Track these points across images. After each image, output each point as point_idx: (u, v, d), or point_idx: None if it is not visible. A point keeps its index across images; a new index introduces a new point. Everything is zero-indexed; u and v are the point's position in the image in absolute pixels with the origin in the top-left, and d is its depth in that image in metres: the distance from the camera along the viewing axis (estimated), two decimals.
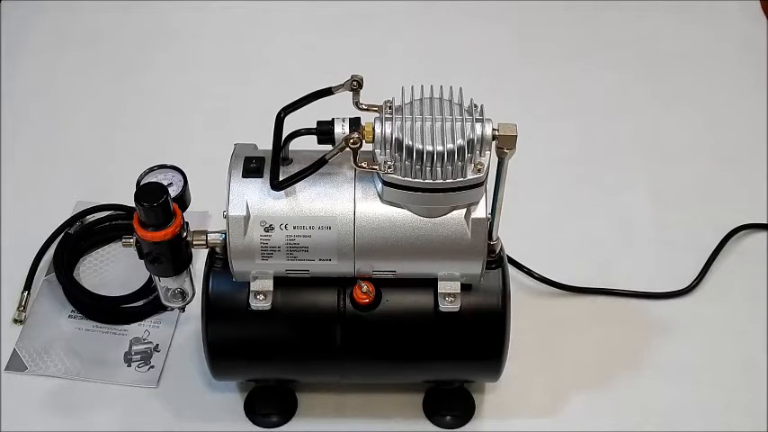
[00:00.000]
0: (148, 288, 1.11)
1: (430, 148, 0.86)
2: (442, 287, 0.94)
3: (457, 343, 0.97)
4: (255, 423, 1.04)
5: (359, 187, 0.90)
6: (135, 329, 1.11)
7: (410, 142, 0.87)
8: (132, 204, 0.89)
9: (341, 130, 0.88)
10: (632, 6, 1.46)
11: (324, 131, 0.89)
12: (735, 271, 1.18)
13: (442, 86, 0.90)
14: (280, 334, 0.96)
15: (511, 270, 1.02)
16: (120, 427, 1.05)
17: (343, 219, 0.90)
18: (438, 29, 1.44)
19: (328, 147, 0.89)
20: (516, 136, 0.88)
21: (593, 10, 1.46)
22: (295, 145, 0.91)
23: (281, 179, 0.89)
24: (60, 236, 1.16)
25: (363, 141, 0.87)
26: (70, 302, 1.12)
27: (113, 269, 1.16)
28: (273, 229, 0.90)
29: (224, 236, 0.92)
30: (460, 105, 0.89)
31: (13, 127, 1.30)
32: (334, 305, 0.95)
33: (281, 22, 1.46)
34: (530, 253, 1.15)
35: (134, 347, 1.10)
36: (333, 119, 0.89)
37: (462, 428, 1.05)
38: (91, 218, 1.18)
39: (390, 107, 0.89)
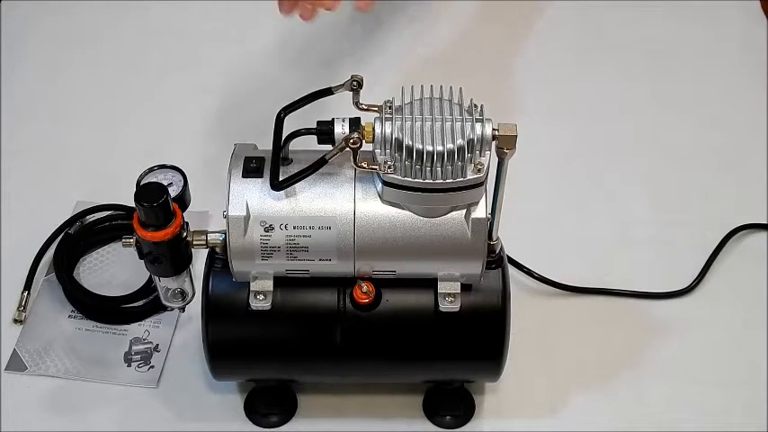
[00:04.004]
0: (148, 288, 1.11)
1: (430, 148, 0.86)
2: (442, 287, 0.94)
3: (457, 343, 0.97)
4: (255, 423, 1.05)
5: (359, 187, 0.90)
6: (135, 329, 1.11)
7: (410, 142, 0.87)
8: (132, 204, 0.89)
9: (341, 130, 0.88)
10: (632, 6, 1.46)
11: (324, 131, 0.89)
12: (735, 271, 1.18)
13: (441, 86, 0.90)
14: (280, 334, 0.96)
15: (511, 270, 1.02)
16: (120, 428, 1.05)
17: (343, 219, 0.90)
18: (438, 29, 1.43)
19: (328, 147, 0.89)
20: (516, 136, 0.88)
21: (593, 10, 1.46)
22: (295, 145, 0.91)
23: (281, 179, 0.89)
24: (60, 236, 1.16)
25: (363, 141, 0.87)
26: (70, 302, 1.12)
27: (113, 269, 1.16)
28: (273, 229, 0.90)
29: (224, 236, 0.92)
30: (460, 105, 0.89)
31: (13, 127, 1.30)
32: (334, 305, 0.95)
33: (281, 22, 1.46)
34: (530, 253, 1.15)
35: (134, 347, 1.10)
36: (333, 119, 0.89)
37: (462, 428, 1.05)
38: (91, 218, 1.17)
39: (390, 107, 0.89)
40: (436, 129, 0.87)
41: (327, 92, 0.91)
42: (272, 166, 0.90)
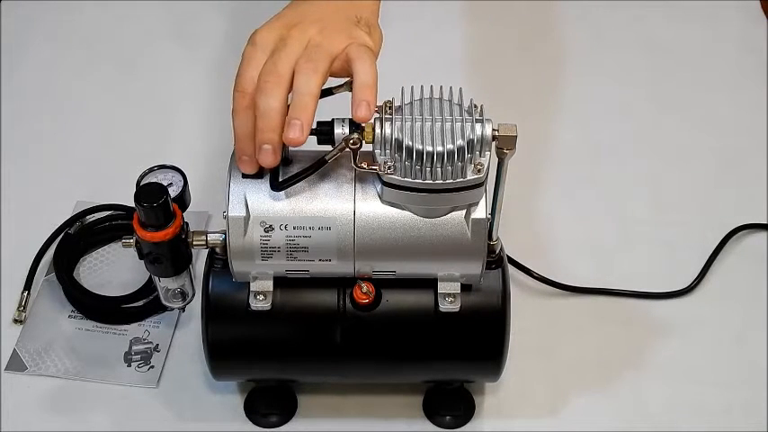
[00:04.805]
0: (148, 288, 1.11)
1: (430, 148, 0.86)
2: (442, 287, 0.94)
3: (457, 343, 0.97)
4: (255, 423, 1.04)
5: (359, 188, 0.90)
6: (135, 329, 1.11)
7: (410, 143, 0.87)
8: (132, 204, 0.89)
9: (341, 130, 0.88)
10: (632, 6, 1.46)
11: (323, 132, 0.89)
12: (735, 271, 1.18)
13: (441, 87, 0.90)
14: (280, 334, 0.96)
15: (511, 270, 1.02)
16: (120, 428, 1.05)
17: (342, 219, 0.90)
18: (438, 28, 1.44)
19: (328, 147, 0.89)
20: (516, 136, 0.88)
21: (592, 10, 1.46)
22: None
23: (281, 179, 0.89)
24: (60, 236, 1.16)
25: (363, 142, 0.87)
26: (70, 302, 1.12)
27: (113, 269, 1.16)
28: (273, 229, 0.90)
29: (224, 236, 0.92)
30: (460, 106, 0.89)
31: (13, 127, 1.30)
32: (334, 305, 0.95)
33: None
34: (530, 253, 1.15)
35: (134, 347, 1.10)
36: (333, 119, 0.89)
37: (462, 428, 1.05)
38: (91, 218, 1.17)
39: (390, 107, 0.89)
40: (436, 129, 0.87)
41: (327, 92, 0.91)
42: None
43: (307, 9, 0.94)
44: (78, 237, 1.16)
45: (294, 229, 0.90)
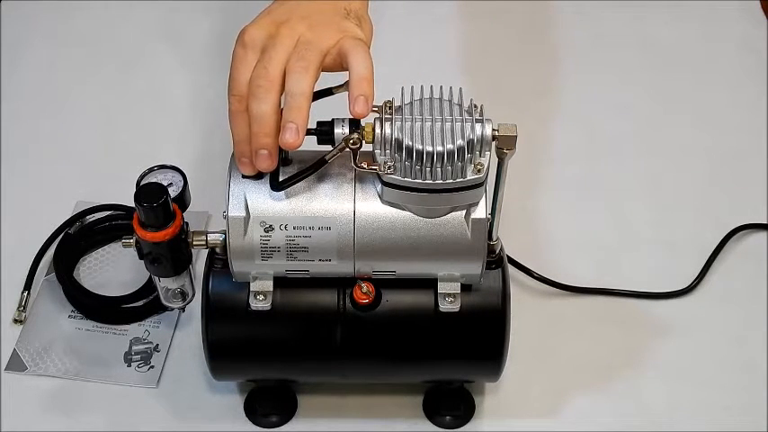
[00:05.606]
0: (148, 288, 1.11)
1: (430, 148, 0.86)
2: (442, 287, 0.94)
3: (457, 343, 0.97)
4: (255, 423, 1.05)
5: (359, 188, 0.90)
6: (135, 329, 1.11)
7: (410, 143, 0.87)
8: (132, 204, 0.89)
9: (341, 130, 0.88)
10: (632, 6, 1.46)
11: (323, 132, 0.89)
12: (735, 271, 1.18)
13: (441, 87, 0.90)
14: (280, 334, 0.96)
15: (511, 270, 1.02)
16: (120, 428, 1.05)
17: (342, 219, 0.90)
18: (437, 28, 1.43)
19: (328, 147, 0.89)
20: (516, 136, 0.88)
21: (592, 10, 1.46)
22: None
23: (281, 179, 0.89)
24: (60, 236, 1.16)
25: (363, 142, 0.87)
26: (70, 302, 1.12)
27: (113, 269, 1.16)
28: (273, 229, 0.90)
29: (224, 236, 0.92)
30: (460, 106, 0.89)
31: (13, 127, 1.30)
32: (334, 305, 0.95)
33: None
34: (530, 253, 1.15)
35: (134, 347, 1.10)
36: (333, 119, 0.89)
37: (462, 428, 1.05)
38: (91, 218, 1.17)
39: (390, 107, 0.89)
40: (436, 129, 0.87)
41: (327, 92, 0.91)
42: None
43: (295, 4, 0.93)
44: (78, 237, 1.16)
45: (294, 229, 0.90)
